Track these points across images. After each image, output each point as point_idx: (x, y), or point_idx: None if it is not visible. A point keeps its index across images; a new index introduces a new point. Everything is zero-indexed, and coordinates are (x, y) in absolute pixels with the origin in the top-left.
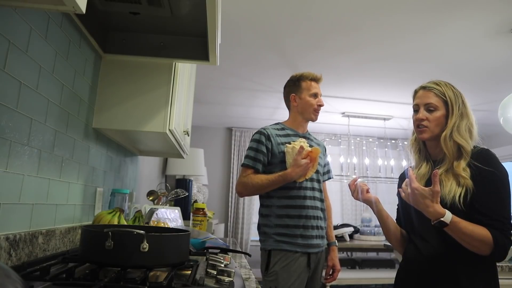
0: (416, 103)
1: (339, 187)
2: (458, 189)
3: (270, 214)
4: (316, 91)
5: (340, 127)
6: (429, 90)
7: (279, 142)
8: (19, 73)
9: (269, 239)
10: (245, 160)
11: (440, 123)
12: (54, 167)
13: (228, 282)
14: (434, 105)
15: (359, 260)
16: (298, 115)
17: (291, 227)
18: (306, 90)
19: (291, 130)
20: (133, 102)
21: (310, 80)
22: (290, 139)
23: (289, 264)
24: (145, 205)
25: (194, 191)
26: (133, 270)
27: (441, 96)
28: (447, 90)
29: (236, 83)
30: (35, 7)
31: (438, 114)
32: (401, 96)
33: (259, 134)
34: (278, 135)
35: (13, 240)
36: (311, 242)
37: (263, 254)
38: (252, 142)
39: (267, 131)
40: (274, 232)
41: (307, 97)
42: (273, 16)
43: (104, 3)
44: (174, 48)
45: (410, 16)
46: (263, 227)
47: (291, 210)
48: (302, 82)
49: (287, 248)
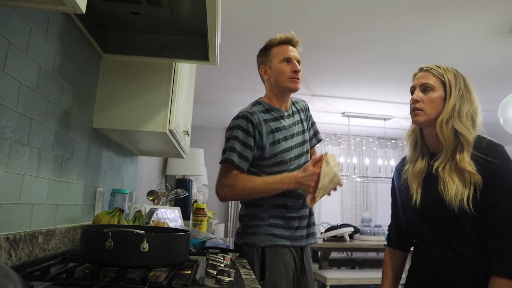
0: (412, 85)
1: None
2: (465, 190)
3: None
4: (288, 56)
5: (340, 127)
6: (427, 71)
7: (269, 130)
8: (19, 73)
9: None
10: (228, 154)
11: (437, 105)
12: (54, 167)
13: (228, 282)
14: (430, 85)
15: (359, 260)
16: (273, 88)
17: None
18: (277, 56)
19: (276, 111)
20: (133, 102)
21: (280, 44)
22: (279, 123)
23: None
24: (145, 205)
25: (194, 191)
26: (133, 270)
27: (439, 77)
28: (447, 71)
29: (236, 83)
30: (35, 7)
31: (435, 95)
32: (401, 96)
33: (245, 120)
34: (266, 120)
35: (13, 240)
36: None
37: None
38: (236, 130)
39: (255, 116)
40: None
41: (277, 64)
42: (273, 16)
43: (104, 3)
44: (174, 48)
45: (410, 16)
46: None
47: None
48: (272, 48)
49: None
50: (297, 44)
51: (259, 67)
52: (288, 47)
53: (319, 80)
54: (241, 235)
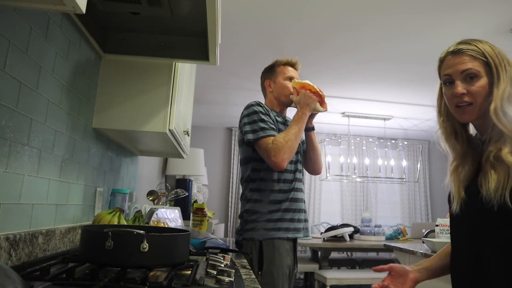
0: (447, 73)
1: (339, 187)
2: (509, 183)
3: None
4: (292, 75)
5: (340, 127)
6: (462, 54)
7: (275, 120)
8: (19, 73)
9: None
10: (258, 133)
11: (487, 94)
12: (54, 167)
13: (228, 282)
14: (474, 70)
15: (359, 260)
16: (274, 99)
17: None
18: (281, 74)
19: (277, 114)
20: (133, 102)
21: (285, 65)
22: (281, 120)
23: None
24: (145, 205)
25: (194, 191)
26: (133, 270)
27: (480, 58)
28: (484, 47)
29: (236, 83)
30: (35, 7)
31: (483, 82)
32: (401, 96)
33: (258, 105)
34: (275, 116)
35: (13, 240)
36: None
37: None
38: (253, 113)
39: (264, 106)
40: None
41: (281, 80)
42: (273, 16)
43: (104, 3)
44: (174, 48)
45: (410, 16)
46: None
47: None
48: (276, 67)
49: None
50: (298, 68)
51: (264, 81)
52: (291, 68)
53: (319, 80)
54: (240, 232)
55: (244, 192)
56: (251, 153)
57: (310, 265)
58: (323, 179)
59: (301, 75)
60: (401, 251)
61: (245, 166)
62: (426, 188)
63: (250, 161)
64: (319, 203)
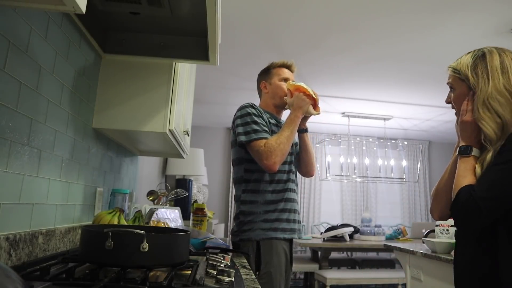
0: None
1: (339, 187)
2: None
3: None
4: (287, 76)
5: (340, 127)
6: (448, 69)
7: (268, 122)
8: (19, 73)
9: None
10: (250, 135)
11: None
12: (54, 167)
13: (228, 282)
14: (450, 83)
15: (359, 260)
16: (269, 100)
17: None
18: (277, 75)
19: (271, 116)
20: (133, 102)
21: (280, 67)
22: (275, 122)
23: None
24: (145, 205)
25: (194, 191)
26: (133, 270)
27: (455, 74)
28: (462, 62)
29: (236, 83)
30: (35, 7)
31: (457, 92)
32: (401, 96)
33: (251, 107)
34: (266, 116)
35: (13, 240)
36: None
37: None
38: (246, 115)
39: (257, 108)
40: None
41: (277, 81)
42: (272, 16)
43: (104, 3)
44: (174, 48)
45: (410, 16)
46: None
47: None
48: (272, 69)
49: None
50: (294, 70)
51: (259, 82)
52: (287, 70)
53: (318, 80)
54: (237, 233)
55: (238, 193)
56: (243, 154)
57: (310, 265)
58: (323, 179)
59: (301, 75)
60: (401, 251)
61: (237, 167)
62: (426, 188)
63: (243, 162)
64: (319, 203)
